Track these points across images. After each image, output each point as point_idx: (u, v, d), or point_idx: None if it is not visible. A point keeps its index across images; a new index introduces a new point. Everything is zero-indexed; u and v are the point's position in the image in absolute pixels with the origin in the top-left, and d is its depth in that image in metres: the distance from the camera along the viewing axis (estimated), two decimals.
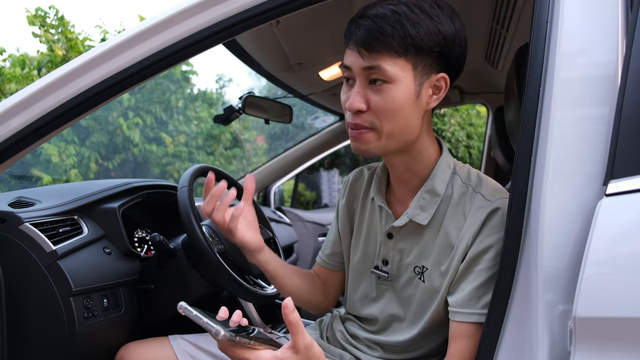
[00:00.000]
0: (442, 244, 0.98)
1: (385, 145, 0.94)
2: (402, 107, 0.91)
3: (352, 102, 0.92)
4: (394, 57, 0.88)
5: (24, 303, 1.15)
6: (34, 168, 6.22)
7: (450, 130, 8.03)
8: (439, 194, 0.98)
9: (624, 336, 0.69)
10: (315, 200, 9.06)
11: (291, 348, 0.78)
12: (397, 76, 0.89)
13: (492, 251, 0.91)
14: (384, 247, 1.06)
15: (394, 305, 1.06)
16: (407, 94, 0.91)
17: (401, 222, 1.01)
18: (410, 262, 1.02)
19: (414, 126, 0.94)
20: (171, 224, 1.70)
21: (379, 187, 1.08)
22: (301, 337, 0.78)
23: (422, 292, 1.01)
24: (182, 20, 0.99)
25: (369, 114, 0.92)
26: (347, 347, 1.13)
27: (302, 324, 0.78)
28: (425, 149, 0.99)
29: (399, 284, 1.05)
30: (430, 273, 0.99)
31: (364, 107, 0.91)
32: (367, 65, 0.90)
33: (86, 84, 1.03)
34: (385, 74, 0.89)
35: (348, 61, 0.93)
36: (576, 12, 0.80)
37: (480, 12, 1.57)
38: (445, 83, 0.94)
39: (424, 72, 0.91)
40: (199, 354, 1.23)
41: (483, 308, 0.90)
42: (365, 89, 0.92)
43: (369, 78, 0.91)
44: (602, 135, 0.76)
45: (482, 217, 0.93)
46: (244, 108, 1.97)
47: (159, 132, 7.57)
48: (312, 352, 0.79)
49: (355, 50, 0.91)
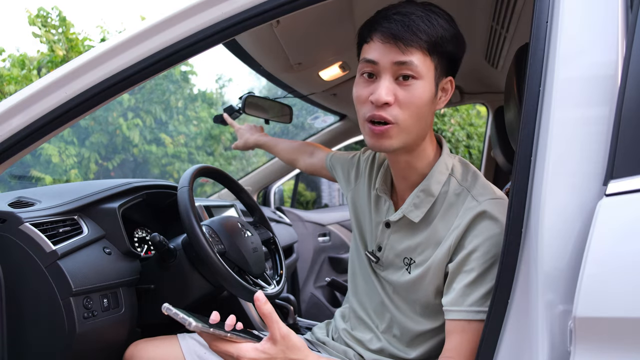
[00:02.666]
0: (430, 241, 1.02)
1: (404, 140, 0.96)
2: (424, 105, 0.94)
3: (379, 94, 0.92)
4: (424, 55, 0.92)
5: (24, 303, 1.15)
6: (34, 168, 6.22)
7: (450, 130, 8.03)
8: (433, 194, 1.01)
9: (624, 336, 0.69)
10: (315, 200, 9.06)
11: (269, 340, 0.80)
12: (425, 74, 0.92)
13: (479, 251, 0.94)
14: (380, 234, 1.11)
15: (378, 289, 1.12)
16: (429, 92, 0.94)
17: (395, 217, 1.06)
18: (401, 253, 1.07)
19: (427, 125, 0.98)
20: (171, 224, 1.70)
21: (384, 180, 1.12)
22: (277, 327, 0.80)
23: (408, 282, 1.05)
24: (182, 20, 0.99)
25: (394, 108, 0.93)
26: (351, 344, 1.16)
27: (276, 315, 0.80)
28: (427, 148, 1.03)
29: (388, 271, 1.10)
30: (417, 266, 1.04)
31: (391, 100, 0.92)
32: (400, 60, 0.91)
33: (86, 84, 1.03)
34: (417, 69, 0.91)
35: (374, 55, 0.93)
36: (576, 12, 0.80)
37: (480, 12, 1.57)
38: (452, 86, 0.99)
39: (440, 74, 0.96)
40: (207, 354, 1.24)
41: (473, 305, 0.93)
42: (393, 83, 0.93)
43: (397, 73, 0.92)
44: (602, 135, 0.76)
45: (468, 220, 0.95)
46: (244, 108, 1.97)
47: (158, 133, 7.57)
48: (291, 342, 0.81)
49: (391, 43, 0.91)
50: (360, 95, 0.96)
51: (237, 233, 1.41)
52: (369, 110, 0.94)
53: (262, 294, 0.80)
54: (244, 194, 1.60)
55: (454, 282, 0.97)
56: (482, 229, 0.94)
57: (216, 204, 2.00)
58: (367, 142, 0.98)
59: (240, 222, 1.48)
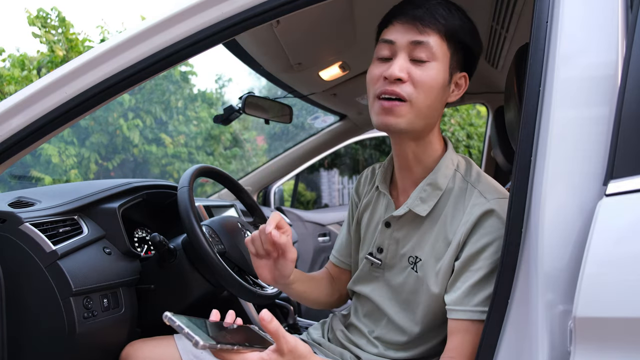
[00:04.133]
0: (438, 237, 1.00)
1: (413, 121, 0.96)
2: (437, 87, 0.95)
3: (393, 70, 0.93)
4: (440, 38, 0.94)
5: (24, 303, 1.15)
6: (33, 168, 6.22)
7: (450, 130, 8.03)
8: (440, 187, 1.01)
9: (624, 336, 0.69)
10: (315, 200, 9.07)
11: (276, 351, 0.80)
12: (440, 57, 0.95)
13: (488, 250, 0.93)
14: (380, 235, 1.08)
15: (383, 294, 1.08)
16: (442, 77, 0.96)
17: (400, 212, 1.03)
18: (406, 252, 1.04)
19: (438, 111, 0.99)
20: (171, 224, 1.70)
21: (384, 176, 1.11)
22: (284, 342, 0.79)
23: (413, 282, 1.03)
24: (182, 20, 0.99)
25: (408, 85, 0.94)
26: (348, 346, 1.14)
27: (283, 330, 0.80)
28: (434, 141, 1.03)
29: (391, 273, 1.07)
30: (423, 264, 1.01)
31: (405, 77, 0.93)
32: (417, 40, 0.93)
33: (86, 84, 1.03)
34: (432, 50, 0.93)
35: (393, 36, 0.96)
36: (576, 12, 0.80)
37: (480, 12, 1.57)
38: (465, 82, 1.01)
39: (455, 66, 0.98)
40: (203, 354, 1.24)
41: (478, 305, 0.92)
42: (408, 62, 0.94)
43: (413, 54, 0.94)
44: (602, 135, 0.76)
45: (476, 216, 0.94)
46: (244, 108, 1.97)
47: (158, 133, 7.57)
48: (298, 353, 0.81)
49: (409, 23, 0.94)
50: (374, 75, 0.97)
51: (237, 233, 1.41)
52: (381, 86, 0.95)
53: (267, 312, 0.79)
54: (244, 194, 1.60)
55: (459, 280, 0.95)
56: (491, 228, 0.93)
57: (216, 204, 2.00)
58: (374, 120, 0.96)
59: (240, 222, 1.48)
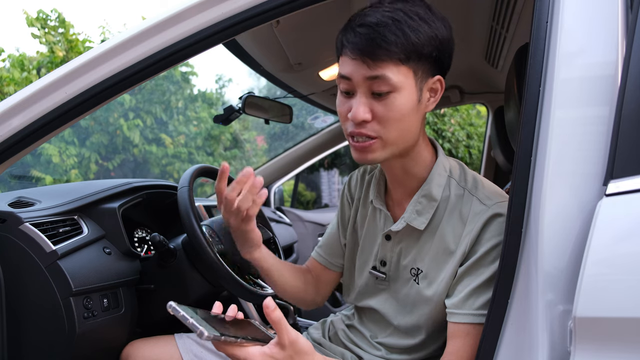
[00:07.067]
0: (438, 248, 0.98)
1: (390, 152, 0.94)
2: (407, 114, 0.91)
3: (356, 113, 0.89)
4: (397, 65, 0.87)
5: (24, 303, 1.15)
6: (34, 168, 6.23)
7: (450, 130, 8.03)
8: (435, 198, 0.98)
9: (624, 336, 0.69)
10: (315, 200, 9.07)
11: (277, 344, 0.80)
12: (401, 84, 0.88)
13: (490, 255, 0.92)
14: (382, 249, 1.07)
15: (391, 305, 1.07)
16: (411, 101, 0.90)
17: (398, 227, 1.01)
18: (407, 264, 1.03)
19: (415, 131, 0.95)
20: (171, 224, 1.70)
21: (377, 190, 1.08)
22: (286, 333, 0.79)
23: (416, 294, 1.01)
24: (182, 20, 0.99)
25: (374, 123, 0.90)
26: (349, 346, 1.13)
27: (285, 321, 0.80)
28: (421, 151, 1.00)
29: (396, 285, 1.06)
30: (424, 275, 1.00)
31: (369, 118, 0.90)
32: (371, 75, 0.87)
33: (86, 84, 1.03)
34: (390, 82, 0.87)
35: (347, 71, 0.90)
36: (576, 12, 0.80)
37: (480, 12, 1.57)
38: (441, 85, 0.95)
39: (423, 77, 0.91)
40: (203, 353, 1.24)
41: (479, 309, 0.91)
42: (369, 98, 0.90)
43: (371, 88, 0.89)
44: (602, 135, 0.76)
45: (480, 224, 0.93)
46: (244, 108, 1.97)
47: (159, 133, 7.58)
48: (299, 347, 0.81)
49: (358, 59, 0.88)
50: (341, 112, 0.95)
51: None
52: (350, 127, 0.92)
53: (272, 300, 0.79)
54: None
55: (460, 284, 0.94)
56: (494, 231, 0.93)
57: (216, 204, 1.99)
58: (353, 156, 0.96)
59: None
